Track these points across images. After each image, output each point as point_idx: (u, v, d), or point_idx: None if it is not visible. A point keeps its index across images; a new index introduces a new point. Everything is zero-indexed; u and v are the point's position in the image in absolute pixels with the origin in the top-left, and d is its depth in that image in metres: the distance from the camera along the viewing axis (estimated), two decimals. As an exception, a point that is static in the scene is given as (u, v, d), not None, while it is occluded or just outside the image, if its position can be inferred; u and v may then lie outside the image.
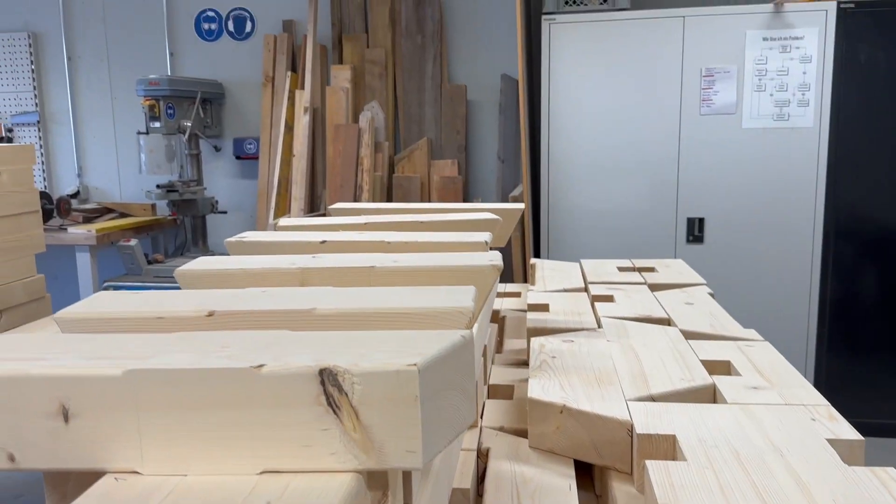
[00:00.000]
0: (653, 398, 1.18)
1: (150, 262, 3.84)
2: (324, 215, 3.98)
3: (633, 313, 1.72)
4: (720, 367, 1.35)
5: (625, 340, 1.51)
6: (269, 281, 0.98)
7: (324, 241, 1.25)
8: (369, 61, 3.96)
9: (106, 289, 3.70)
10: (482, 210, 1.60)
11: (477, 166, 4.05)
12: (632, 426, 1.05)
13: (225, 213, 4.18)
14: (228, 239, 1.26)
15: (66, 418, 0.60)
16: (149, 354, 0.61)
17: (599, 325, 1.63)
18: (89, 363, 0.60)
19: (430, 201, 3.94)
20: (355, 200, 3.81)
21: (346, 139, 3.82)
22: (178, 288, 3.43)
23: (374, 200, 3.84)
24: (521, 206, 1.68)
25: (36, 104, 4.51)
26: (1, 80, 4.52)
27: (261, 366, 0.58)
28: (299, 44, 4.08)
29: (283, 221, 1.50)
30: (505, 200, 3.55)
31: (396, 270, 0.98)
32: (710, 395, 1.23)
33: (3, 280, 2.84)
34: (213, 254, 4.10)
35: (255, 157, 4.22)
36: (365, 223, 1.46)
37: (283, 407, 0.59)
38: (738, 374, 1.29)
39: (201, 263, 1.05)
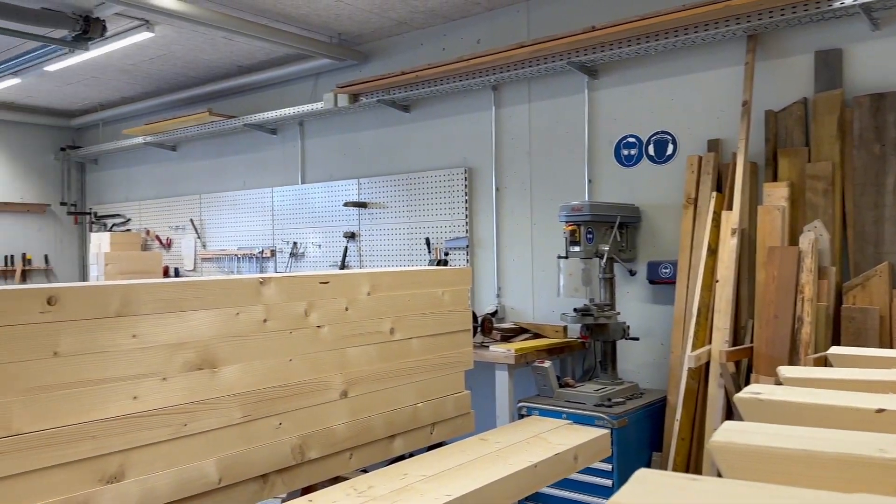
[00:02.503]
0: None
1: (560, 386, 3.78)
2: (752, 349, 3.49)
3: None
4: None
5: None
6: (856, 477, 0.67)
7: (881, 410, 0.90)
8: (811, 176, 3.48)
9: (520, 409, 3.72)
10: None
11: (963, 299, 3.19)
12: None
13: (637, 339, 3.97)
14: (739, 395, 0.99)
15: None
16: None
17: None
18: None
19: (893, 339, 3.19)
20: (793, 334, 3.27)
21: (781, 263, 3.35)
22: (590, 415, 3.13)
23: (816, 335, 3.24)
24: None
25: (466, 230, 4.98)
26: (441, 209, 5.12)
27: None
28: (726, 162, 3.80)
29: (785, 372, 1.18)
30: None
31: None
32: None
33: (439, 394, 2.99)
34: (620, 382, 3.89)
35: (670, 282, 3.97)
36: (914, 383, 1.06)
37: None
38: None
39: (737, 435, 0.79)
